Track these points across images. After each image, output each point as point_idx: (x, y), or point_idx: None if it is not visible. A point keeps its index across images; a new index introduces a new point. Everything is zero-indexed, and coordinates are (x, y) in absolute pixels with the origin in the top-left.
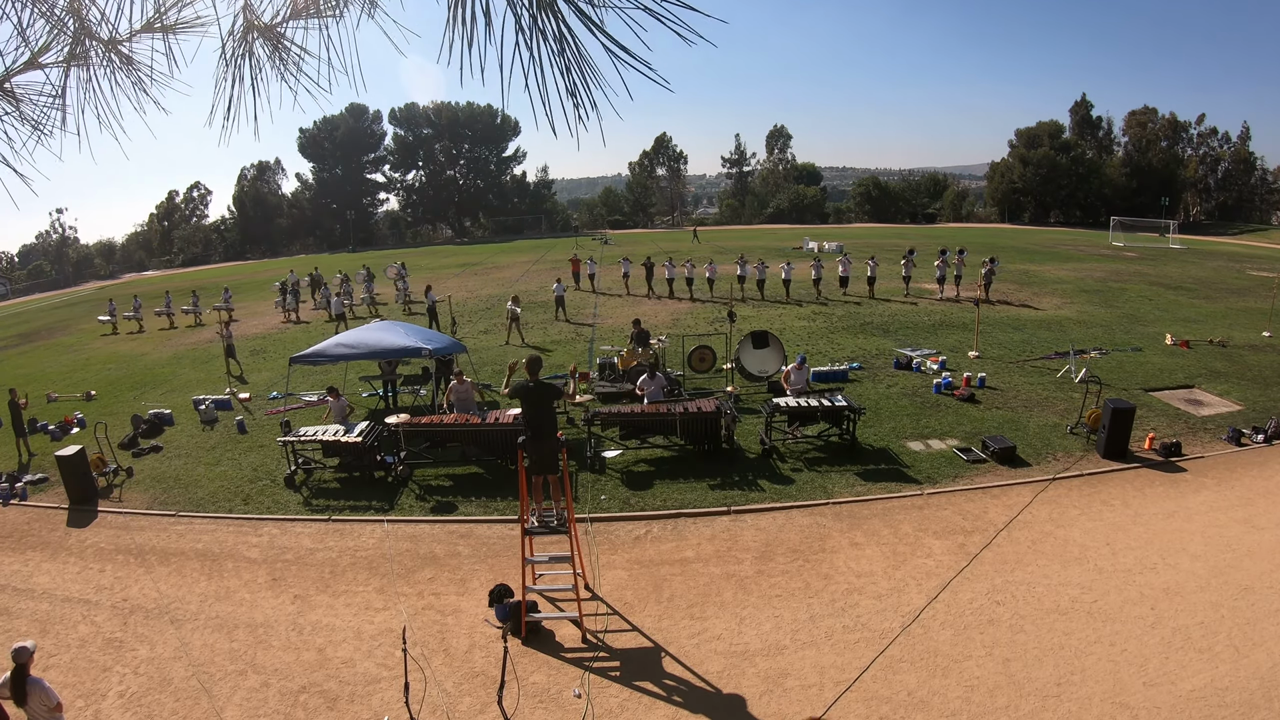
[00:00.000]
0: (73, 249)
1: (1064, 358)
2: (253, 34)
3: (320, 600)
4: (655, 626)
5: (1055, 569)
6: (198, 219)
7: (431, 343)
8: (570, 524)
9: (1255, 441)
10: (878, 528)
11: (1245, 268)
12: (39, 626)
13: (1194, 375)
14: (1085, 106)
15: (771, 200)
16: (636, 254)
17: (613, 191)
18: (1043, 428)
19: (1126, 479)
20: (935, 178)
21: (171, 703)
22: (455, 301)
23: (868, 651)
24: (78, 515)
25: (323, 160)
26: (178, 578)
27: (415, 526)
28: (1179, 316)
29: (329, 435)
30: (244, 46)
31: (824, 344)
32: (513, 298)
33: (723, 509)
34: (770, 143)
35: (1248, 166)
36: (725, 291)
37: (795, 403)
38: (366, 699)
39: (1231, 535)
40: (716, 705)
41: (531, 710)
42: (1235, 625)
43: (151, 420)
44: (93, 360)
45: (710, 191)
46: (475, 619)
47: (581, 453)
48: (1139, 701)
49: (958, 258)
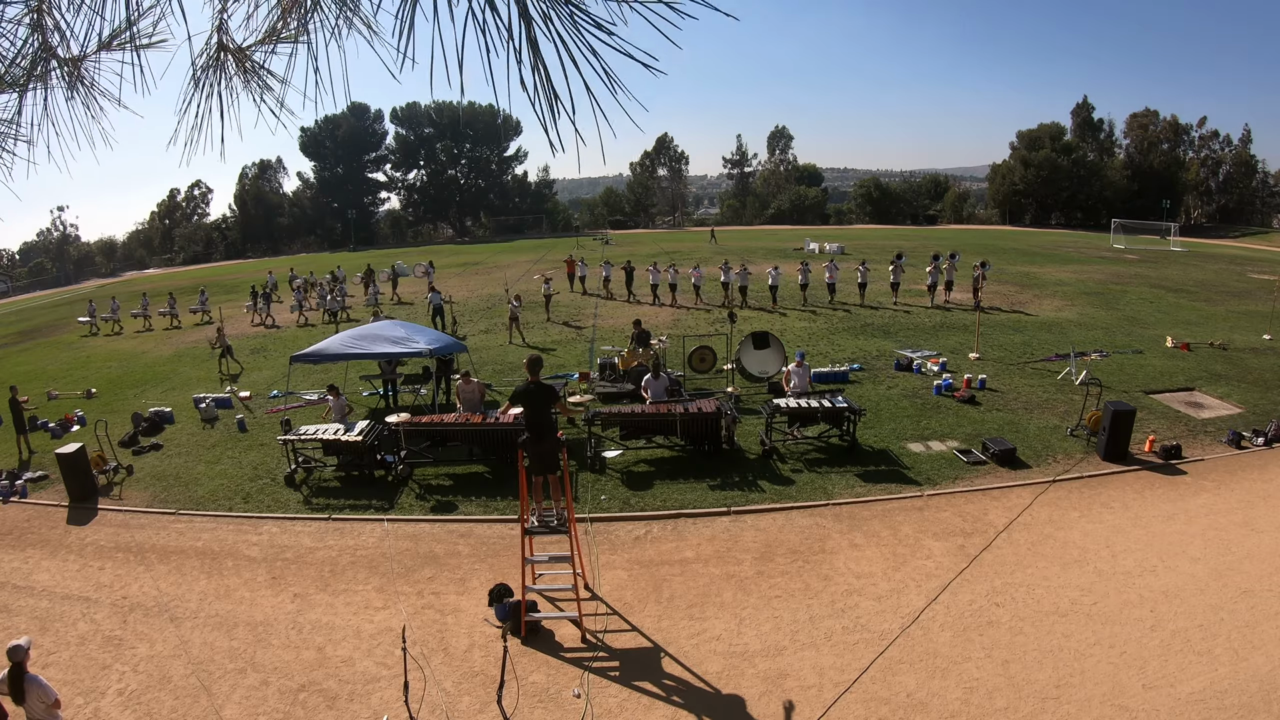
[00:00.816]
0: (74, 247)
1: (1064, 360)
2: (225, 55)
3: (320, 599)
4: (655, 627)
5: (1055, 571)
6: (199, 217)
7: (432, 342)
8: (570, 524)
9: (1255, 444)
10: (878, 529)
11: (1246, 270)
12: (39, 624)
13: (1194, 378)
14: (1087, 109)
15: (773, 201)
16: (637, 255)
17: (614, 192)
18: (1043, 430)
19: (1126, 481)
20: (936, 179)
21: (171, 700)
22: (456, 301)
23: (867, 653)
24: (78, 513)
25: (324, 159)
26: (177, 576)
27: (415, 526)
28: (1180, 319)
29: (329, 434)
30: (216, 66)
31: (824, 345)
32: (515, 296)
33: (723, 509)
34: (772, 143)
35: (1249, 169)
36: (709, 299)
37: (796, 403)
38: (366, 698)
39: (1231, 538)
40: (716, 706)
41: (531, 710)
42: (1235, 628)
43: (152, 418)
44: (93, 358)
45: (711, 192)
46: (475, 618)
47: (582, 453)
48: (1138, 704)
49: (950, 262)
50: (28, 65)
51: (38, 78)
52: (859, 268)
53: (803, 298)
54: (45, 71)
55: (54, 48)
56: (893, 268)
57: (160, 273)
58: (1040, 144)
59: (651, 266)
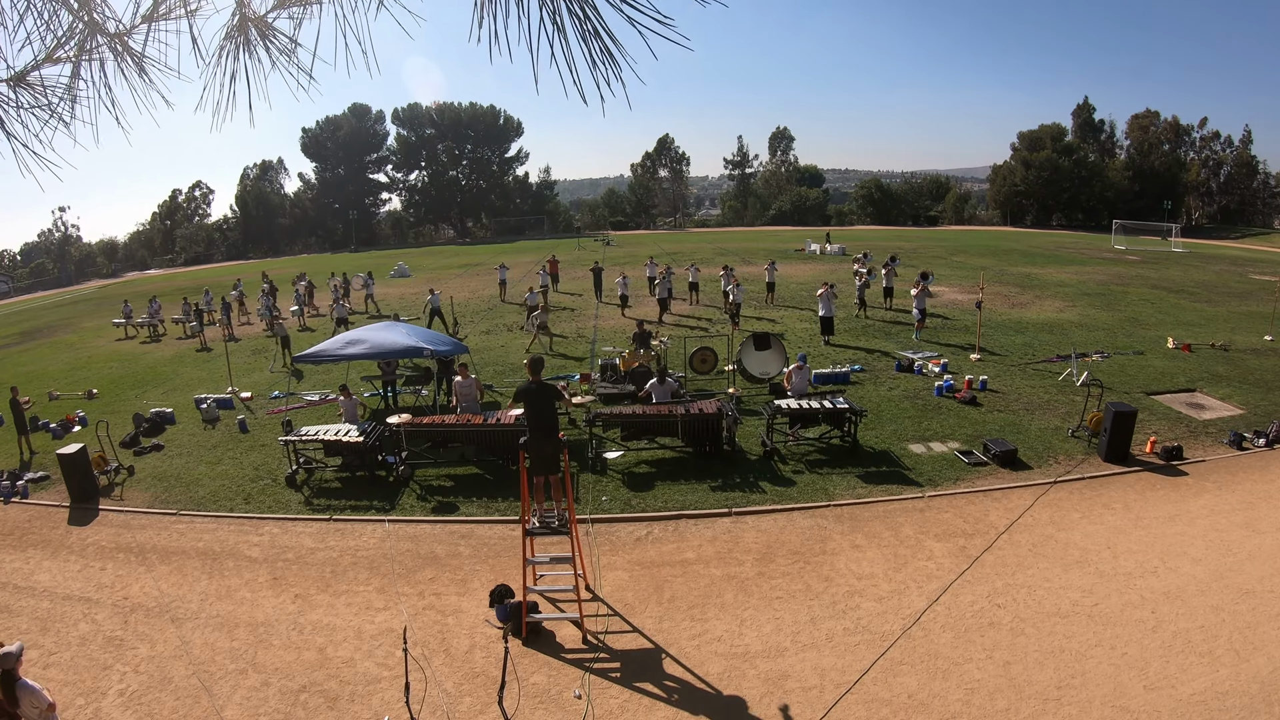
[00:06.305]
0: (75, 247)
1: (1066, 361)
2: (248, 24)
3: (321, 600)
4: (656, 628)
5: (1056, 572)
6: (200, 218)
7: (433, 343)
8: (571, 525)
9: (1257, 445)
10: (879, 530)
11: (1247, 271)
12: (40, 624)
13: (1195, 379)
14: (1088, 109)
15: (774, 202)
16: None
17: (615, 192)
18: (1044, 431)
19: (1128, 482)
20: (937, 180)
21: (172, 701)
22: (457, 302)
23: (868, 654)
24: (79, 513)
25: (325, 160)
26: (178, 576)
27: (416, 526)
28: (1181, 320)
29: (330, 435)
30: (241, 35)
31: (825, 346)
32: (541, 306)
33: (724, 510)
34: (773, 144)
35: (1250, 170)
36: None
37: (797, 404)
38: (367, 699)
39: (1232, 539)
40: (717, 707)
41: (532, 711)
42: (1236, 629)
43: (153, 419)
44: (94, 359)
45: (712, 193)
46: (476, 619)
47: (583, 453)
48: (1139, 705)
49: (890, 266)
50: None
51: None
52: (857, 267)
53: (769, 298)
54: (95, 45)
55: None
56: (885, 271)
57: (161, 273)
58: (1041, 145)
59: (620, 280)
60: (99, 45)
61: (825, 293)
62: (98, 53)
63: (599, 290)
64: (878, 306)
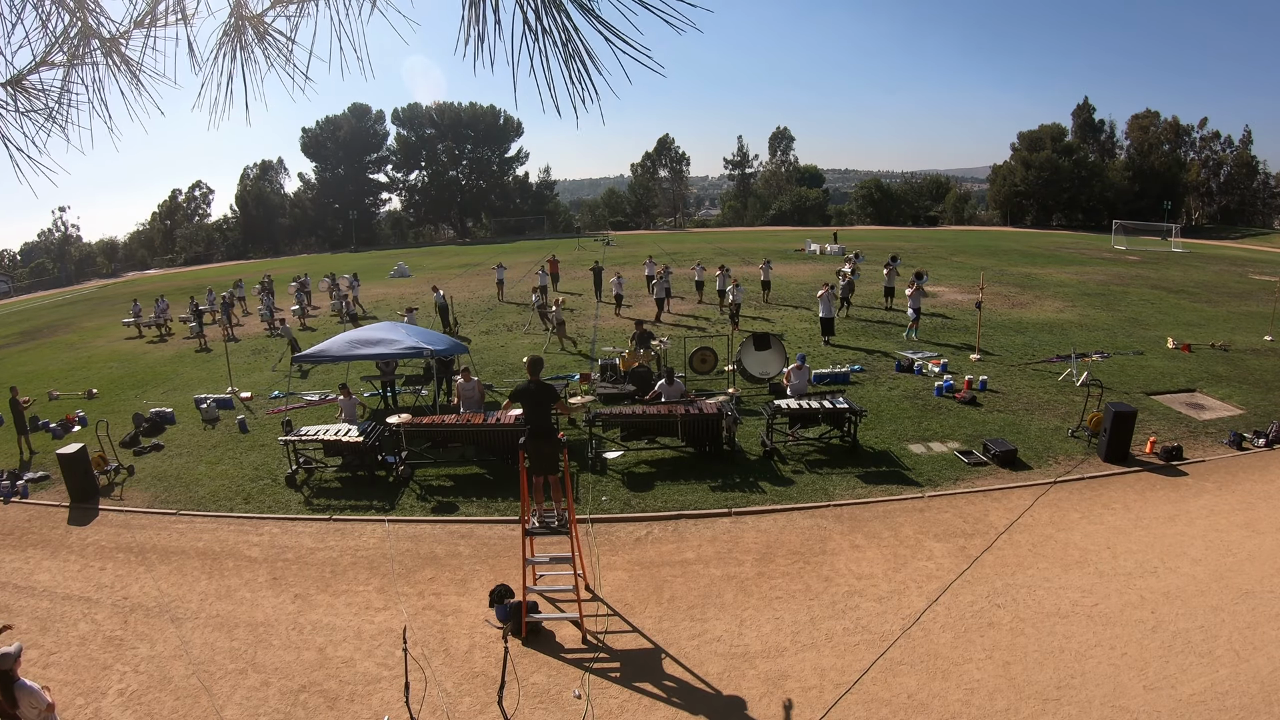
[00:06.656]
0: (75, 247)
1: (1066, 361)
2: (245, 24)
3: (321, 600)
4: (656, 628)
5: (1056, 572)
6: (200, 218)
7: (433, 343)
8: (571, 525)
9: (1256, 445)
10: (879, 530)
11: (1247, 272)
12: (39, 624)
13: (1195, 379)
14: (1088, 110)
15: (774, 202)
16: (637, 256)
17: (615, 193)
18: (1044, 431)
19: (1127, 483)
20: (937, 180)
21: (171, 701)
22: (457, 302)
23: (868, 654)
24: (79, 513)
25: (325, 160)
26: (178, 576)
27: (416, 526)
28: (1181, 320)
29: (330, 435)
30: (238, 35)
31: (825, 346)
32: (556, 302)
33: (724, 510)
34: (773, 145)
35: (1250, 170)
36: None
37: (796, 404)
38: (366, 699)
39: (1232, 539)
40: (716, 707)
41: (531, 711)
42: (1235, 629)
43: (153, 419)
44: (94, 358)
45: (712, 193)
46: (476, 619)
47: (583, 453)
48: (1139, 705)
49: (891, 266)
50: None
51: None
52: (845, 270)
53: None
54: (87, 50)
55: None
56: (887, 271)
57: (161, 273)
58: (1041, 145)
59: (648, 261)
60: (93, 49)
61: (825, 293)
62: (91, 57)
63: (599, 290)
64: (878, 306)
